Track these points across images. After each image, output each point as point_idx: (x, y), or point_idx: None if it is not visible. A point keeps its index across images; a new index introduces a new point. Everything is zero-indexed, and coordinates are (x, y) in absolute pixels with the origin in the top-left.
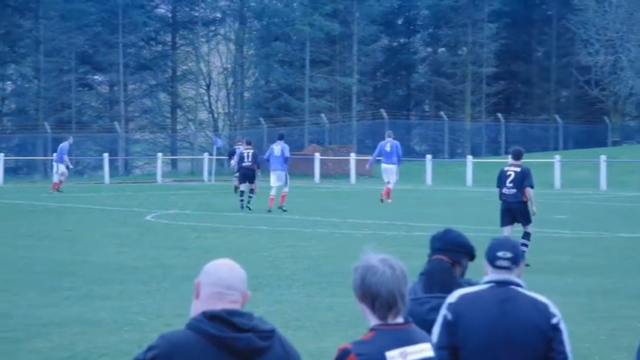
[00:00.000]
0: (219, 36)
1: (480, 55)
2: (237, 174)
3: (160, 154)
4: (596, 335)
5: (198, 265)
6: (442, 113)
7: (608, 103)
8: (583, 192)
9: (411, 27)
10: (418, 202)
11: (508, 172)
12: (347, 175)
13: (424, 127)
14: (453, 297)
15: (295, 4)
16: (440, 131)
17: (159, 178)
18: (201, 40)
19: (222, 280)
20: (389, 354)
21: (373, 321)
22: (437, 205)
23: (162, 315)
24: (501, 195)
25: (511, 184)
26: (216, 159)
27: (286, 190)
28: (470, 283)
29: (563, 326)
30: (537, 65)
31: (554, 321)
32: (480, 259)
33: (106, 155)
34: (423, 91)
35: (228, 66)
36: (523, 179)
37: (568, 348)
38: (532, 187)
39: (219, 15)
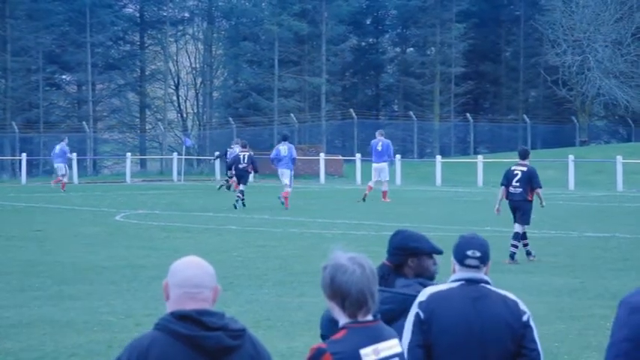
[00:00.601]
0: (187, 36)
1: (449, 55)
2: (228, 175)
3: (128, 154)
4: (565, 334)
5: (168, 264)
6: (411, 113)
7: (575, 103)
8: (551, 191)
9: (380, 27)
10: (388, 201)
11: (515, 172)
12: (316, 175)
13: (393, 127)
14: (423, 295)
15: (264, 4)
16: (409, 131)
17: (128, 178)
18: (170, 39)
19: (189, 280)
20: (363, 351)
21: (343, 319)
22: (406, 205)
23: (132, 315)
24: (507, 194)
25: (517, 184)
26: (185, 159)
27: (289, 190)
28: (424, 284)
29: (533, 323)
30: (505, 65)
31: (524, 318)
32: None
33: (74, 155)
34: (391, 91)
35: (197, 66)
36: (530, 179)
37: (539, 345)
38: (540, 187)
39: (187, 15)
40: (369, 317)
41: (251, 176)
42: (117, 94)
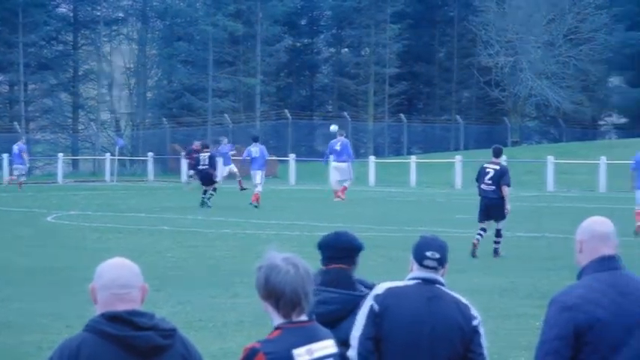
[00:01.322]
0: (121, 36)
1: (383, 55)
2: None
3: (60, 155)
4: (495, 334)
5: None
6: (345, 114)
7: (508, 103)
8: None
9: (315, 27)
10: (321, 202)
11: (487, 170)
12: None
13: (327, 128)
14: (379, 289)
15: (198, 4)
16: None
17: (60, 178)
18: (104, 39)
19: (115, 281)
20: (296, 352)
21: (278, 320)
22: (340, 206)
23: (63, 316)
24: (480, 191)
25: (490, 181)
26: (118, 159)
27: (259, 189)
28: (363, 283)
29: (482, 329)
30: (439, 66)
31: (474, 323)
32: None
33: (5, 156)
34: (326, 92)
35: (131, 66)
36: (501, 177)
37: (486, 350)
38: (509, 186)
39: (121, 15)
40: (304, 317)
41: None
42: (49, 95)
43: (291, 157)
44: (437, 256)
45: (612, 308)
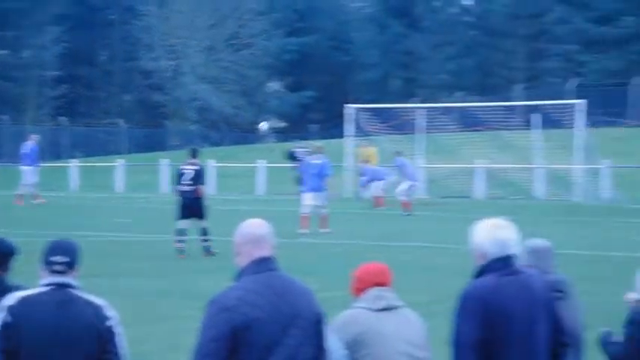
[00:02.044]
0: None
1: (44, 58)
2: None
3: None
4: (153, 335)
5: None
6: (4, 117)
7: (169, 107)
8: (145, 195)
9: None
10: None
11: (185, 171)
12: None
13: None
14: (12, 300)
15: None
16: (2, 135)
17: None
18: None
19: None
20: None
21: None
22: None
23: None
24: (179, 192)
25: (191, 182)
26: None
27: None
28: (19, 287)
29: (118, 329)
30: (101, 69)
31: (108, 323)
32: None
33: None
34: None
35: None
36: (200, 177)
37: (122, 350)
38: (204, 184)
39: None
40: None
41: None
42: None
43: None
44: (64, 259)
45: (269, 309)
